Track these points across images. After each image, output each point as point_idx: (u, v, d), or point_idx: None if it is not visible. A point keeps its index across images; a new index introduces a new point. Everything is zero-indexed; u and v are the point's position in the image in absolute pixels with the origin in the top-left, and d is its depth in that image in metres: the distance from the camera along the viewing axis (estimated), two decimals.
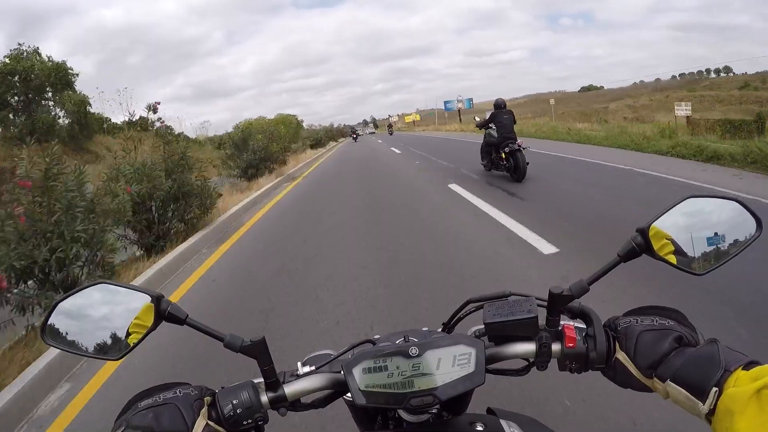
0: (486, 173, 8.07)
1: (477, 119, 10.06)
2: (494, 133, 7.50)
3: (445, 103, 55.72)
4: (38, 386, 2.42)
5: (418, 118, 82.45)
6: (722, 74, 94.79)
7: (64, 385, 2.53)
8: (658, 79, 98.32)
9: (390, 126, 50.54)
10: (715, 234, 0.56)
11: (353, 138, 39.73)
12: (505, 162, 7.19)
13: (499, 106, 7.60)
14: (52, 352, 2.58)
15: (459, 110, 50.89)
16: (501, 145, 7.19)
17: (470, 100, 56.95)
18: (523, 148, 6.90)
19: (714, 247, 0.56)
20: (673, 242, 0.56)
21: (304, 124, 43.59)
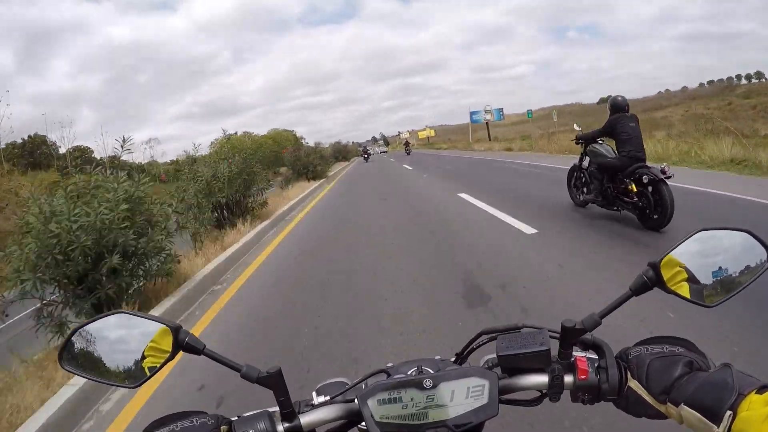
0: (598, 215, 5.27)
1: (578, 128, 6.27)
2: (605, 151, 5.16)
3: (472, 114, 46.90)
4: None
5: (432, 133, 78.12)
6: (754, 80, 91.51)
7: None
8: (685, 88, 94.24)
9: (407, 144, 42.97)
10: (726, 265, 0.56)
11: (364, 158, 35.44)
12: (633, 198, 4.58)
13: (621, 107, 5.01)
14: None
15: (488, 123, 42.37)
16: (628, 171, 4.62)
17: (500, 110, 48.30)
18: (669, 176, 4.31)
19: (726, 278, 0.56)
20: (686, 275, 0.56)
21: (307, 141, 36.82)
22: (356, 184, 15.28)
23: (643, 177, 4.41)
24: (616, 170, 4.82)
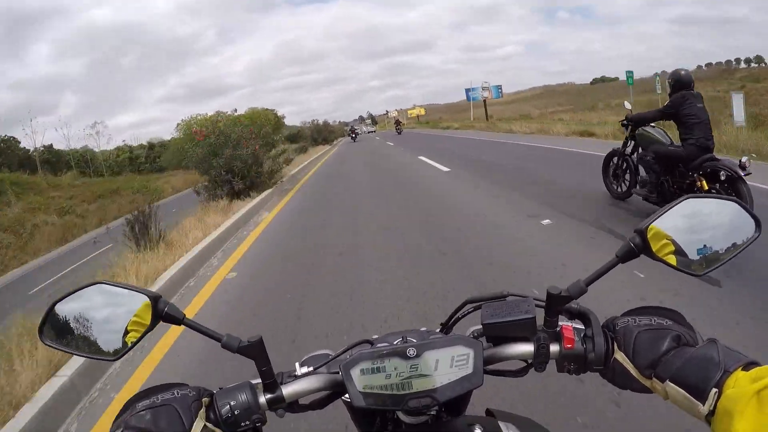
0: None
1: (628, 107, 5.16)
2: (660, 136, 4.26)
3: (467, 91, 41.80)
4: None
5: (422, 112, 75.09)
6: (753, 65, 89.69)
7: None
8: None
9: (398, 123, 39.15)
10: (714, 234, 0.56)
11: (351, 137, 34.71)
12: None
13: (686, 83, 4.00)
14: None
15: (485, 101, 37.38)
16: (695, 163, 3.75)
17: (499, 87, 43.84)
18: (748, 173, 3.45)
19: (713, 247, 0.55)
20: (672, 243, 0.55)
21: (290, 121, 34.41)
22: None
23: (720, 173, 3.51)
24: (679, 161, 3.89)
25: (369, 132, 60.00)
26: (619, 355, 0.53)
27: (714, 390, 0.43)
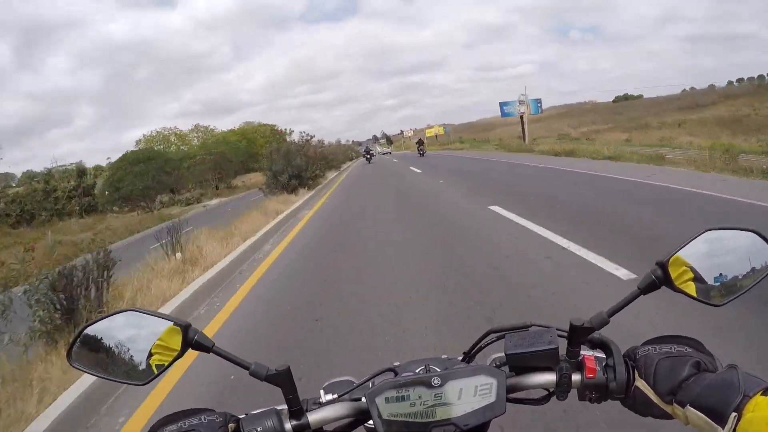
0: None
1: None
2: None
3: (502, 106, 34.28)
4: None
5: (441, 131, 69.65)
6: None
7: None
8: (712, 86, 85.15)
9: (421, 144, 33.27)
10: (733, 265, 0.57)
11: (366, 158, 31.82)
12: None
13: None
14: None
15: (522, 117, 30.62)
16: None
17: (538, 101, 35.93)
18: None
19: (732, 277, 0.56)
20: (693, 274, 0.57)
21: (293, 137, 26.46)
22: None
23: None
24: None
25: (384, 153, 53.18)
26: (640, 383, 0.54)
27: (734, 414, 0.43)
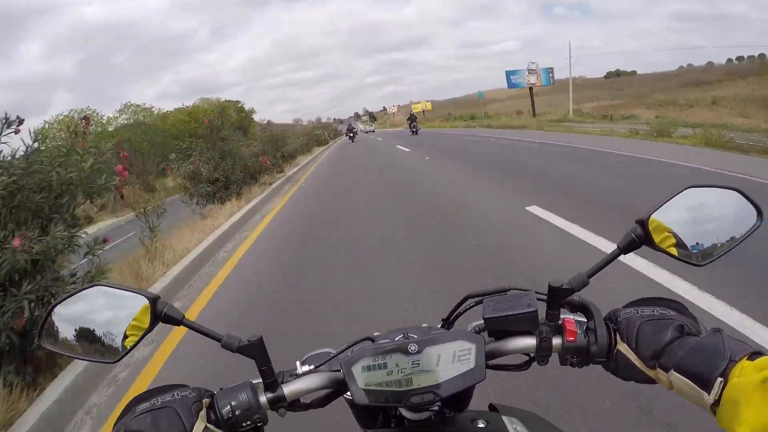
0: None
1: None
2: None
3: (509, 75, 30.45)
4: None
5: (429, 106, 66.94)
6: None
7: None
8: (710, 63, 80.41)
9: (413, 120, 28.88)
10: (715, 223, 0.56)
11: (349, 137, 28.90)
12: None
13: None
14: None
15: (531, 89, 28.12)
16: None
17: (549, 71, 31.01)
18: None
19: (714, 236, 0.55)
20: (674, 233, 0.55)
21: (282, 119, 22.32)
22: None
23: None
24: None
25: (367, 132, 50.04)
26: (622, 347, 0.53)
27: (719, 379, 0.43)
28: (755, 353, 0.43)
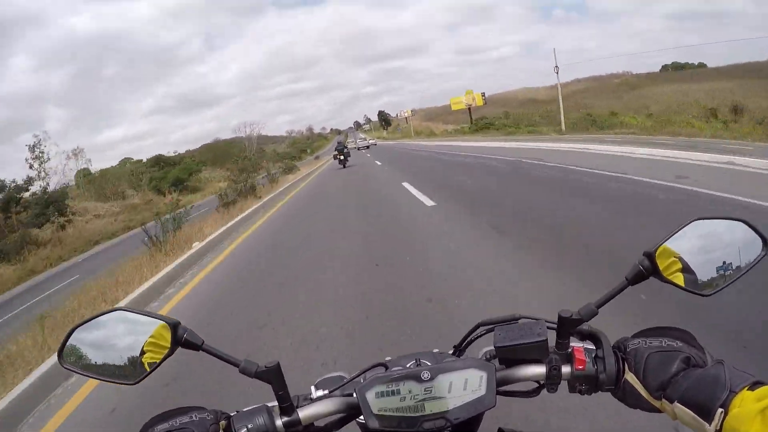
0: None
1: None
2: None
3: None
4: None
5: (480, 100, 56.06)
6: None
7: None
8: (702, 64, 69.94)
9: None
10: (722, 254, 0.57)
11: (339, 160, 19.63)
12: None
13: None
14: None
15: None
16: None
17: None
18: None
19: (721, 267, 0.56)
20: (681, 264, 0.57)
21: (275, 131, 17.58)
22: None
23: None
24: None
25: (361, 148, 38.34)
26: (630, 376, 0.54)
27: (720, 410, 0.44)
28: (756, 383, 0.45)
